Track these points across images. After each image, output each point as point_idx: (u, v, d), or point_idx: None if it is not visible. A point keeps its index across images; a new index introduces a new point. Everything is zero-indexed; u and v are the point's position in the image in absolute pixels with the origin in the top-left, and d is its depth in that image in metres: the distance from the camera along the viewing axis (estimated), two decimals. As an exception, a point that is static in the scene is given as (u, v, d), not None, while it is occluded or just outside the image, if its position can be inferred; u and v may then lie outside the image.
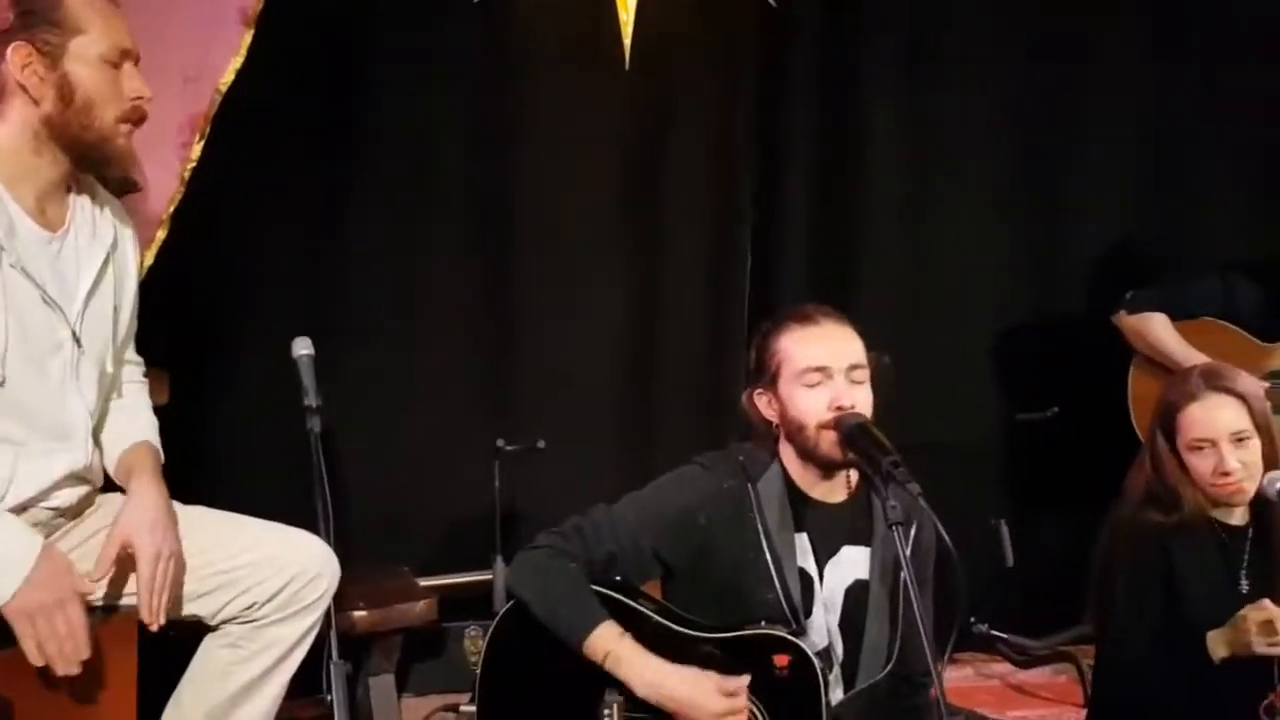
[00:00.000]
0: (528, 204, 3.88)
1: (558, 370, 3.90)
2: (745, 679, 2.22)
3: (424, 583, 3.51)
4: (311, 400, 2.49)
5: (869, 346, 2.38)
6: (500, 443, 3.55)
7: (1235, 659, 2.54)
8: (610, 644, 2.24)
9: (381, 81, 3.72)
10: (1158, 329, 3.80)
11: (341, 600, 2.80)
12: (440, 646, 3.64)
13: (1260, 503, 2.69)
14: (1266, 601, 2.52)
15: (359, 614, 3.23)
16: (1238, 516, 2.71)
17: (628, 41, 3.78)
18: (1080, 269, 4.33)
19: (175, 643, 2.39)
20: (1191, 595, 2.63)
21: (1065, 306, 4.33)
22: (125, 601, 2.26)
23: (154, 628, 2.18)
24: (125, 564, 2.22)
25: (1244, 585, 2.67)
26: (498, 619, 2.41)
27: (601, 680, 2.28)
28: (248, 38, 3.03)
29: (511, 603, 2.37)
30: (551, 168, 3.87)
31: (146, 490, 2.27)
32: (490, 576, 3.47)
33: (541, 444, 3.57)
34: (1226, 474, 2.61)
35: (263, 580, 2.29)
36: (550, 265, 3.89)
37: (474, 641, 3.54)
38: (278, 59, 3.28)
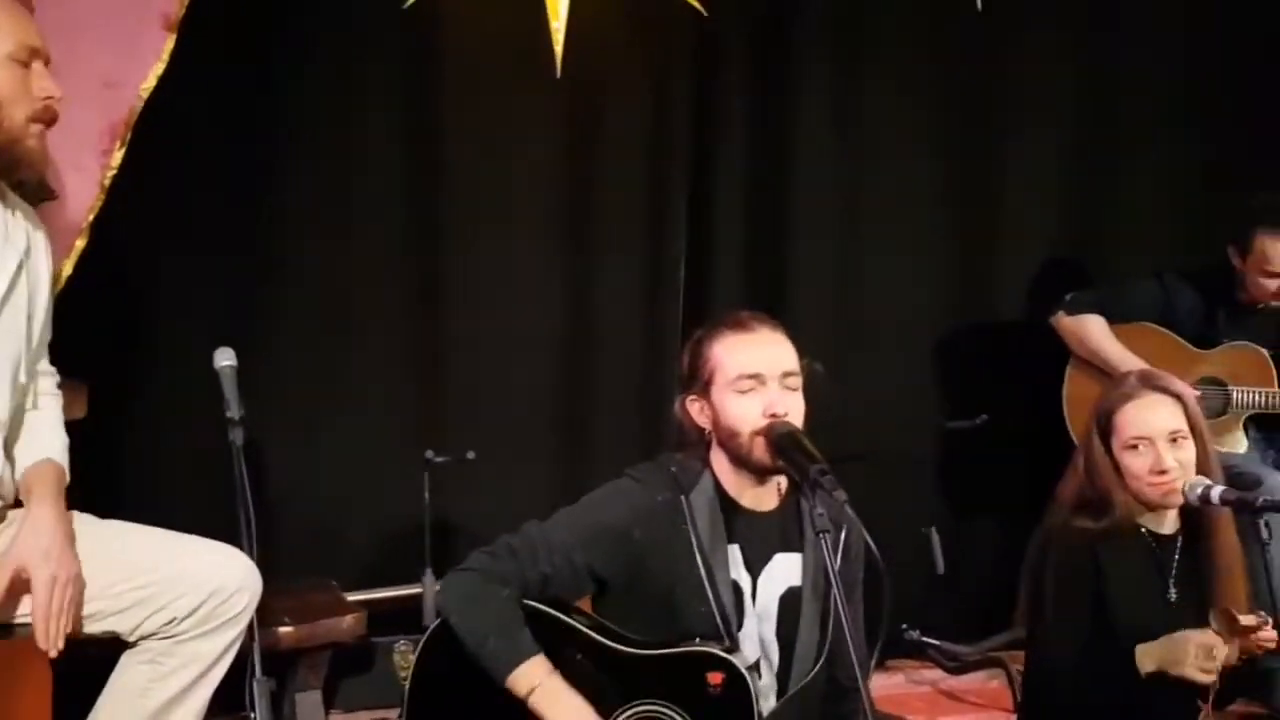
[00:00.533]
0: (458, 212, 3.84)
1: (488, 380, 3.86)
2: None
3: (352, 597, 3.47)
4: (234, 412, 2.46)
5: (801, 354, 2.38)
6: (429, 454, 3.51)
7: (1162, 675, 2.56)
8: (538, 678, 2.21)
9: (308, 89, 3.67)
10: (1095, 331, 3.86)
11: (266, 615, 2.77)
12: (369, 662, 3.58)
13: (1190, 511, 2.73)
14: (1211, 631, 2.54)
15: (284, 629, 3.18)
16: (1167, 525, 2.74)
17: (559, 49, 3.76)
18: (1011, 277, 4.37)
19: (92, 660, 2.34)
20: (1120, 603, 2.65)
21: (996, 314, 4.36)
22: (28, 620, 2.21)
23: (52, 654, 2.13)
24: (23, 586, 2.16)
25: (1172, 593, 2.70)
26: (428, 634, 2.37)
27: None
28: (170, 43, 2.99)
29: (441, 618, 2.34)
30: (482, 175, 3.83)
31: (43, 513, 2.22)
32: (420, 591, 3.43)
33: (472, 455, 3.53)
34: (1163, 472, 2.64)
35: (182, 595, 2.25)
36: (481, 274, 3.85)
37: (403, 656, 3.49)
38: (201, 65, 3.24)
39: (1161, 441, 2.65)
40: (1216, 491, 2.63)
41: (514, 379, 3.89)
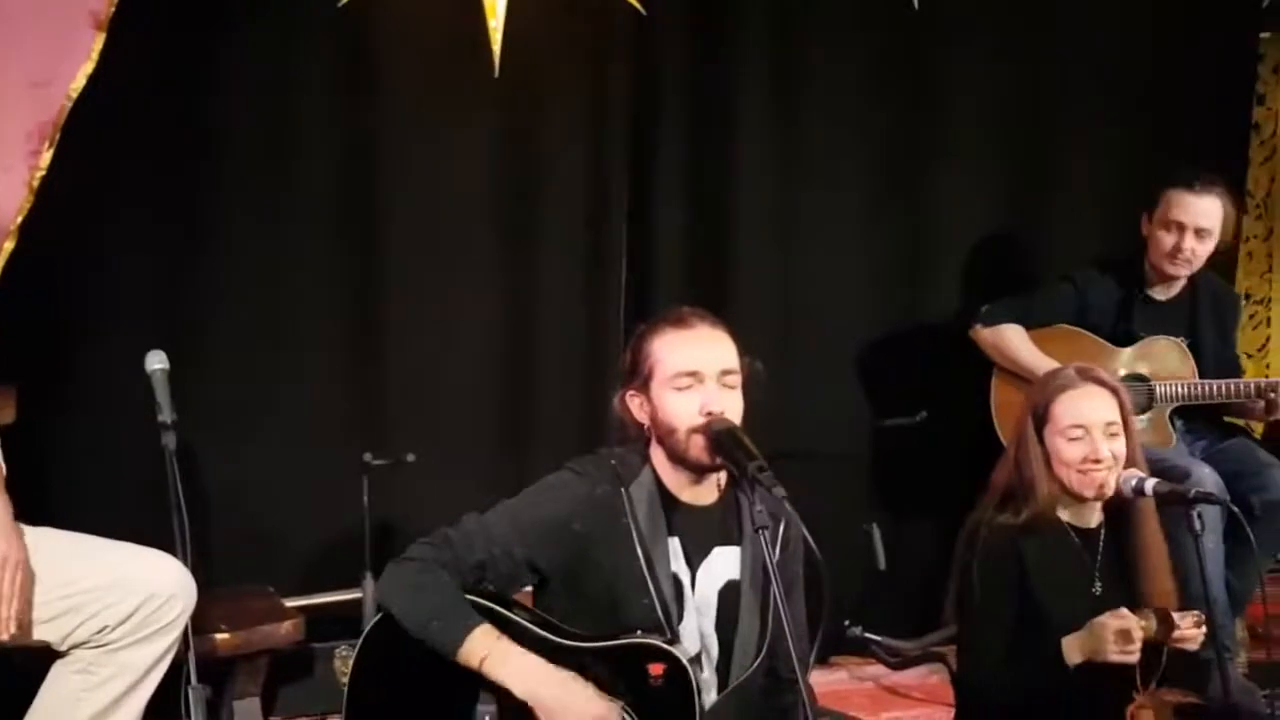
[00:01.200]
0: (395, 212, 3.81)
1: (428, 381, 3.84)
2: (619, 705, 2.22)
3: (290, 603, 3.44)
4: (166, 416, 2.44)
5: (742, 352, 2.38)
6: (368, 457, 3.48)
7: (1090, 664, 2.58)
8: (487, 646, 2.21)
9: (241, 88, 3.63)
10: (1013, 341, 3.89)
11: (201, 622, 2.75)
12: (308, 668, 3.55)
13: (1115, 505, 2.76)
14: (1125, 610, 2.57)
15: (221, 636, 3.15)
16: (1091, 519, 2.77)
17: (497, 49, 3.74)
18: (948, 275, 4.40)
19: (22, 669, 2.30)
20: (1046, 597, 2.67)
21: (932, 313, 4.39)
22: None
23: (4, 636, 2.08)
24: None
25: (1097, 587, 2.73)
26: (364, 635, 2.36)
27: (473, 695, 2.24)
28: (99, 42, 2.93)
29: (378, 618, 2.32)
30: (419, 174, 3.80)
31: None
32: (360, 595, 3.40)
33: (411, 457, 3.51)
34: (1098, 460, 2.67)
35: (114, 603, 2.22)
36: (419, 273, 3.83)
37: (344, 661, 3.45)
38: (132, 64, 3.19)
39: (1098, 431, 2.68)
40: (1150, 484, 2.67)
41: (453, 379, 3.87)
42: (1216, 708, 3.43)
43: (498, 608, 2.30)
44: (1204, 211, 3.71)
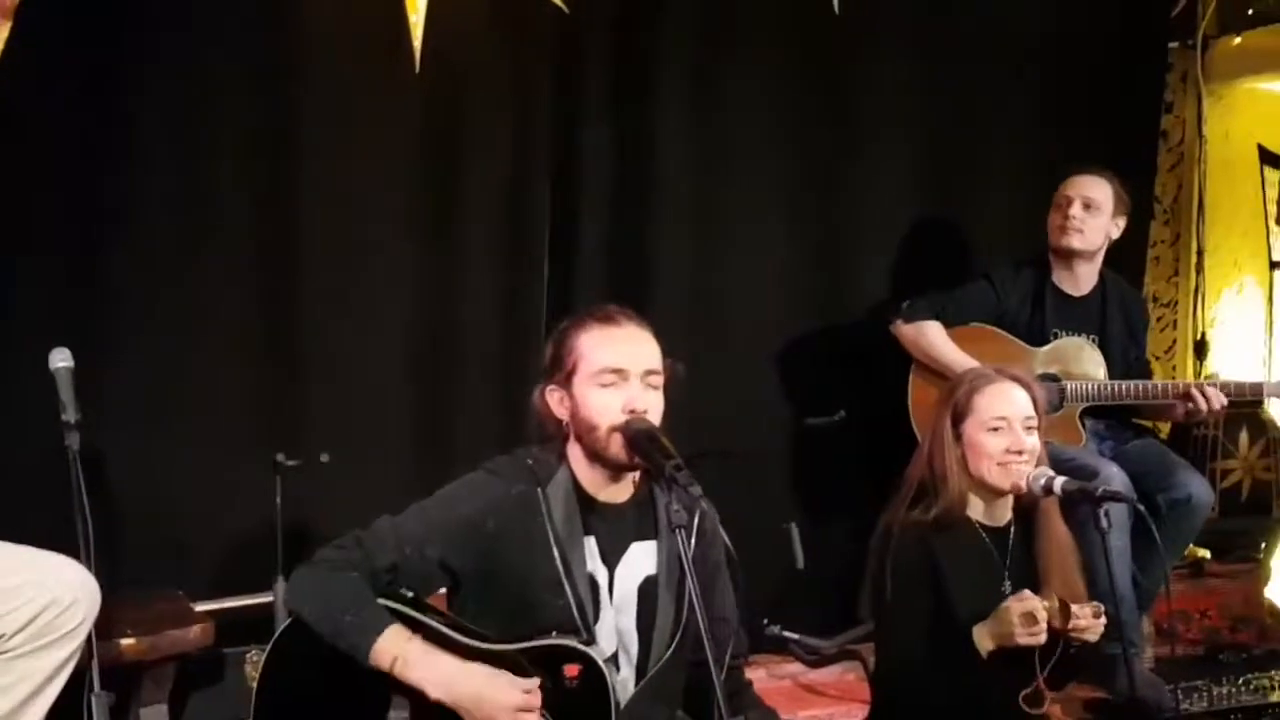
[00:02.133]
0: (311, 208, 3.74)
1: (343, 381, 3.77)
2: (536, 680, 2.20)
3: (200, 607, 3.37)
4: (70, 415, 2.38)
5: (665, 353, 2.38)
6: (280, 457, 3.42)
7: (1002, 651, 2.62)
8: (398, 648, 2.19)
9: (151, 80, 3.54)
10: (933, 337, 3.94)
11: (106, 628, 2.68)
12: (218, 673, 3.48)
13: (1023, 504, 2.80)
14: (1027, 591, 2.61)
15: (126, 642, 3.06)
16: (1000, 518, 2.81)
17: (417, 43, 3.70)
18: (863, 275, 4.45)
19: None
20: (956, 595, 2.70)
21: (850, 312, 4.43)
22: None
23: None
24: None
25: (1006, 585, 2.76)
26: (273, 640, 2.32)
27: (385, 699, 2.22)
28: (5, 32, 2.85)
29: (288, 623, 2.28)
30: (337, 169, 3.74)
31: None
32: (271, 599, 3.34)
33: (325, 458, 3.46)
34: (1020, 451, 2.71)
35: (12, 610, 2.16)
36: (335, 271, 3.76)
37: (254, 666, 3.39)
38: (41, 53, 3.10)
39: (1018, 424, 2.73)
40: (1059, 482, 2.71)
41: (369, 379, 3.81)
42: (1123, 702, 3.51)
43: (409, 610, 2.28)
44: (1089, 183, 3.91)
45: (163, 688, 3.19)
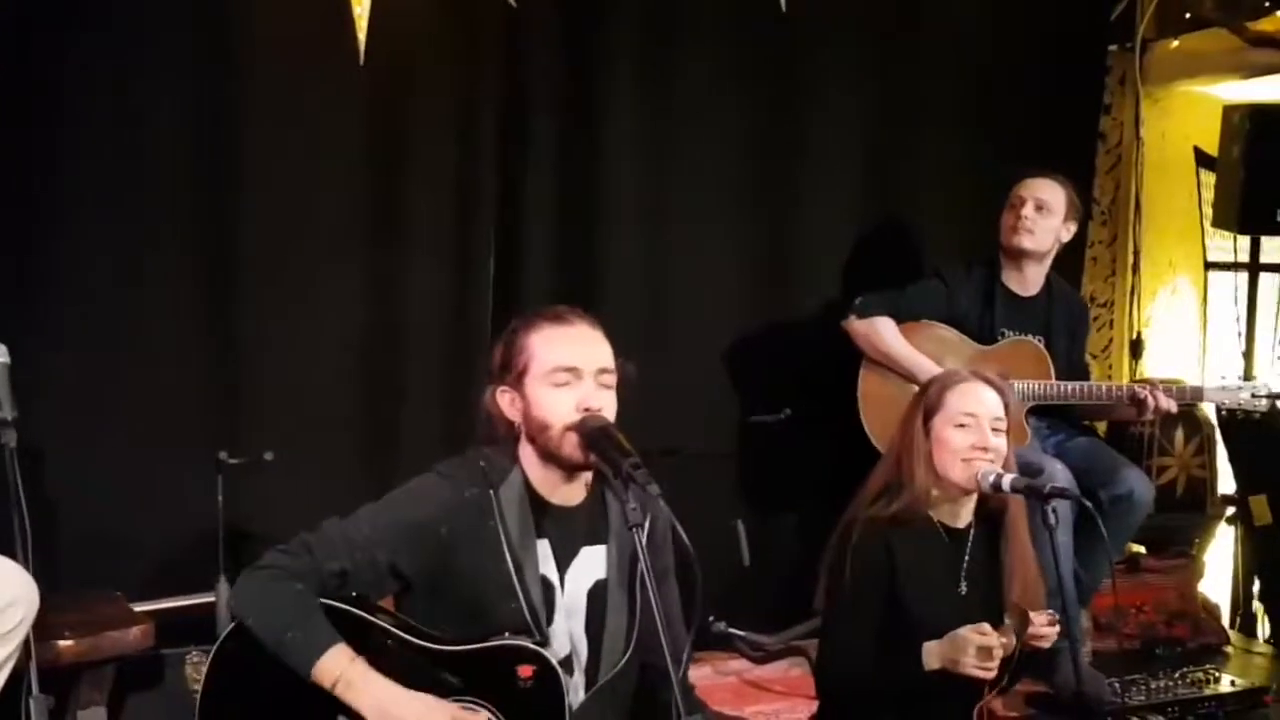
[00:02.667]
0: (255, 204, 3.70)
1: (287, 379, 3.74)
2: (484, 715, 2.19)
3: (139, 608, 3.32)
4: (5, 412, 2.32)
5: (617, 353, 2.36)
6: (223, 455, 3.38)
7: (945, 671, 2.63)
8: (340, 668, 2.15)
9: (91, 74, 3.49)
10: (886, 333, 3.97)
11: (44, 629, 2.64)
12: (158, 675, 3.43)
13: (984, 505, 2.82)
14: (987, 626, 2.62)
15: (64, 643, 3.01)
16: (961, 519, 2.82)
17: (362, 37, 3.66)
18: (810, 274, 4.47)
19: None
20: (912, 594, 2.72)
21: (797, 310, 4.45)
22: None
23: None
24: None
25: (963, 587, 2.79)
26: (219, 642, 2.27)
27: (334, 706, 2.18)
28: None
29: (234, 625, 2.24)
30: (281, 167, 3.70)
31: None
32: (213, 599, 3.29)
33: (269, 456, 3.42)
34: (985, 449, 2.73)
35: (-51, 611, 2.09)
36: (278, 268, 3.73)
37: (195, 668, 3.35)
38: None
39: (986, 422, 2.76)
40: (1008, 479, 2.74)
41: (314, 377, 3.78)
42: (1066, 696, 3.56)
43: (359, 612, 2.25)
44: (1042, 185, 3.96)
45: (101, 690, 3.15)
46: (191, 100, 3.62)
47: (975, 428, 2.75)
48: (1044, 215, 3.94)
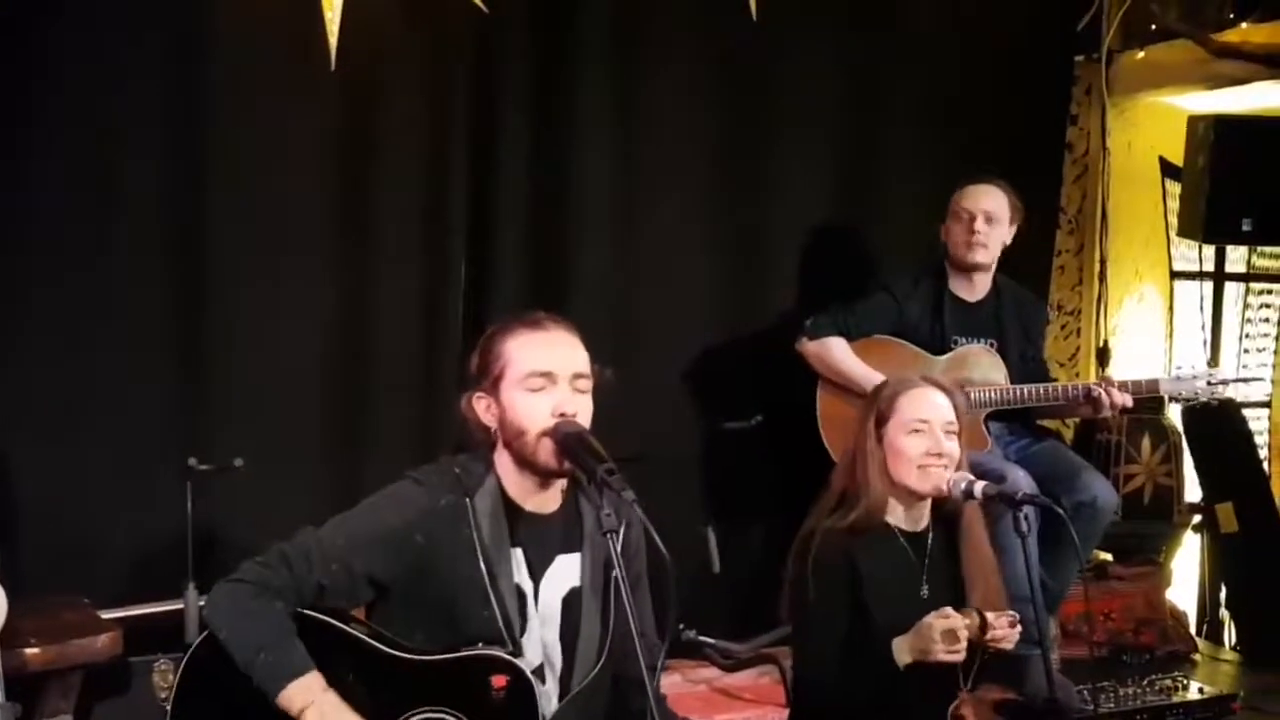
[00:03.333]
0: (225, 207, 3.67)
1: (257, 384, 3.71)
2: None
3: (107, 615, 3.29)
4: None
5: (592, 358, 2.36)
6: (193, 461, 3.36)
7: (920, 665, 2.64)
8: (310, 697, 2.14)
9: (58, 76, 3.45)
10: (837, 353, 3.97)
11: (10, 636, 2.61)
12: (125, 682, 3.39)
13: (940, 509, 2.84)
14: (949, 609, 2.63)
15: (31, 651, 2.98)
16: (918, 523, 2.84)
17: (333, 40, 3.64)
18: (780, 280, 4.48)
19: None
20: (876, 601, 2.73)
21: (767, 317, 4.46)
22: None
23: None
24: None
25: (925, 591, 2.79)
26: (190, 652, 2.25)
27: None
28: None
29: (206, 633, 2.22)
30: (249, 170, 3.69)
31: None
32: (181, 606, 3.27)
33: (239, 462, 3.40)
34: (939, 454, 2.74)
35: (-85, 619, 2.06)
36: (248, 272, 3.71)
37: (163, 676, 3.32)
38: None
39: (939, 428, 2.77)
40: (980, 486, 2.75)
41: (284, 382, 3.76)
42: (1037, 703, 3.58)
43: (334, 622, 2.23)
44: (986, 194, 3.95)
45: (68, 698, 3.12)
46: (160, 103, 3.60)
47: (928, 433, 2.75)
48: (993, 226, 3.94)
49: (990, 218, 3.93)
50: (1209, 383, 3.97)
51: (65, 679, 3.10)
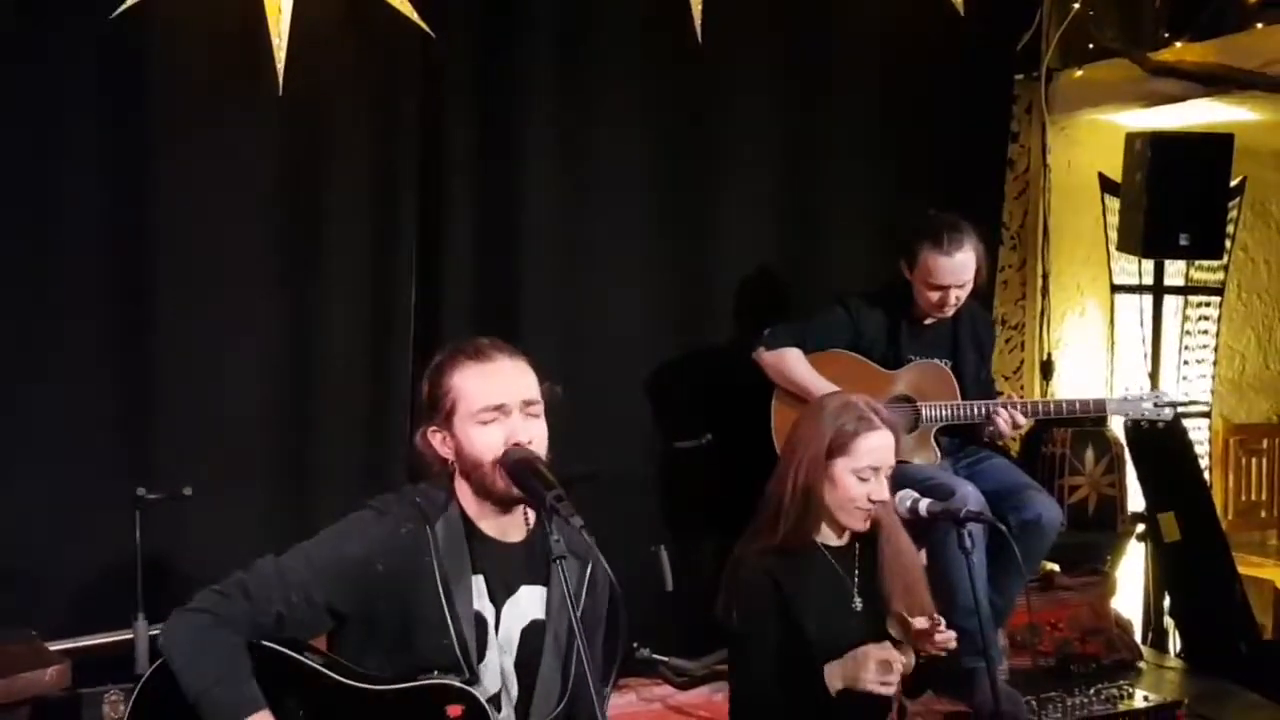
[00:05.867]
0: (170, 235, 3.65)
1: (206, 412, 3.68)
2: None
3: (55, 646, 3.25)
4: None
5: (540, 378, 2.37)
6: (141, 491, 3.32)
7: (851, 692, 2.67)
8: None
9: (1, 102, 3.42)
10: (794, 364, 4.00)
11: (-44, 673, 2.55)
12: (75, 715, 3.33)
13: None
14: (888, 643, 2.67)
15: (-23, 686, 2.95)
16: (839, 538, 2.86)
17: (281, 67, 3.63)
18: (730, 300, 4.51)
19: None
20: (807, 617, 2.75)
21: (715, 336, 4.49)
22: None
23: None
24: None
25: (857, 602, 2.83)
26: (142, 681, 2.24)
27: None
28: None
29: (159, 663, 2.21)
30: (197, 197, 3.66)
31: None
32: (131, 636, 3.23)
33: (188, 491, 3.37)
34: (881, 501, 2.77)
35: None
36: (194, 300, 3.68)
37: (114, 707, 3.27)
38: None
39: (884, 474, 2.79)
40: (924, 504, 2.79)
41: (232, 411, 3.73)
42: (985, 714, 3.62)
43: (289, 652, 2.23)
44: (959, 267, 3.88)
45: (16, 732, 3.08)
46: (107, 128, 3.57)
47: (874, 481, 2.77)
48: (964, 288, 3.92)
49: (963, 285, 3.91)
50: (1155, 404, 4.03)
51: (13, 713, 3.05)
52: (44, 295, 3.54)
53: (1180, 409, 4.29)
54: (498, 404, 2.28)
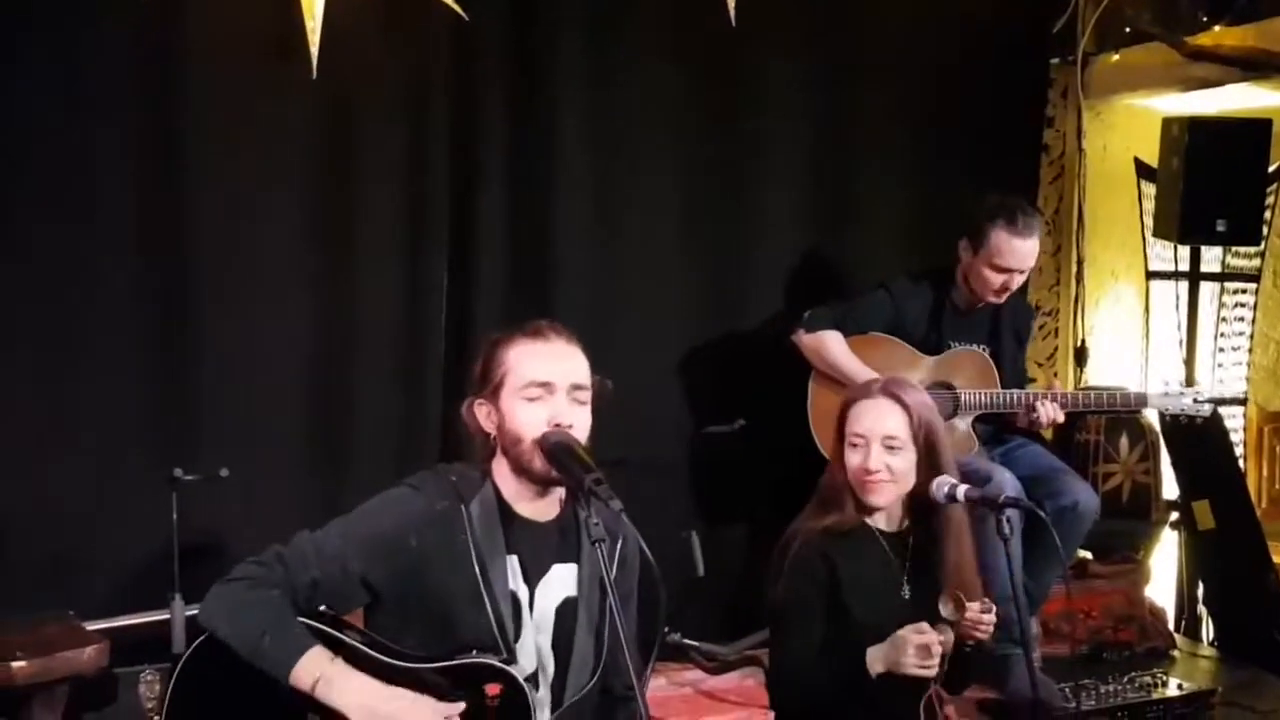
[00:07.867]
0: (203, 213, 3.68)
1: (242, 394, 3.71)
2: (460, 705, 2.18)
3: (93, 626, 3.29)
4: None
5: (593, 370, 2.37)
6: (178, 472, 3.35)
7: (891, 675, 2.65)
8: (321, 667, 2.15)
9: (35, 85, 3.45)
10: (833, 347, 4.00)
11: (-4, 651, 2.58)
12: (112, 694, 3.38)
13: (920, 509, 2.84)
14: (926, 625, 2.64)
15: (17, 664, 2.99)
16: (896, 524, 2.85)
17: (314, 48, 3.64)
18: (761, 287, 4.50)
19: None
20: (855, 601, 2.74)
21: (749, 323, 4.48)
22: None
23: None
24: None
25: (906, 591, 2.81)
26: (182, 661, 2.25)
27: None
28: None
29: (198, 642, 2.23)
30: (233, 179, 3.68)
31: None
32: (168, 616, 3.26)
33: (225, 472, 3.39)
34: (869, 471, 2.75)
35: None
36: (230, 282, 3.70)
37: (150, 687, 3.31)
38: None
39: (876, 443, 2.75)
40: (962, 490, 2.77)
41: (269, 393, 3.76)
42: (1019, 701, 3.61)
43: (328, 629, 2.24)
44: (1029, 253, 3.87)
45: (54, 710, 3.12)
46: (141, 109, 3.59)
47: (863, 448, 2.75)
48: (1025, 275, 3.92)
49: (1024, 275, 3.91)
50: (1196, 400, 4.01)
51: (51, 692, 3.10)
52: (81, 280, 3.56)
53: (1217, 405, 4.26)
54: (544, 381, 2.29)
